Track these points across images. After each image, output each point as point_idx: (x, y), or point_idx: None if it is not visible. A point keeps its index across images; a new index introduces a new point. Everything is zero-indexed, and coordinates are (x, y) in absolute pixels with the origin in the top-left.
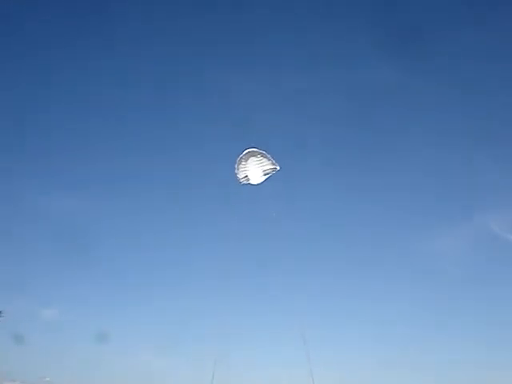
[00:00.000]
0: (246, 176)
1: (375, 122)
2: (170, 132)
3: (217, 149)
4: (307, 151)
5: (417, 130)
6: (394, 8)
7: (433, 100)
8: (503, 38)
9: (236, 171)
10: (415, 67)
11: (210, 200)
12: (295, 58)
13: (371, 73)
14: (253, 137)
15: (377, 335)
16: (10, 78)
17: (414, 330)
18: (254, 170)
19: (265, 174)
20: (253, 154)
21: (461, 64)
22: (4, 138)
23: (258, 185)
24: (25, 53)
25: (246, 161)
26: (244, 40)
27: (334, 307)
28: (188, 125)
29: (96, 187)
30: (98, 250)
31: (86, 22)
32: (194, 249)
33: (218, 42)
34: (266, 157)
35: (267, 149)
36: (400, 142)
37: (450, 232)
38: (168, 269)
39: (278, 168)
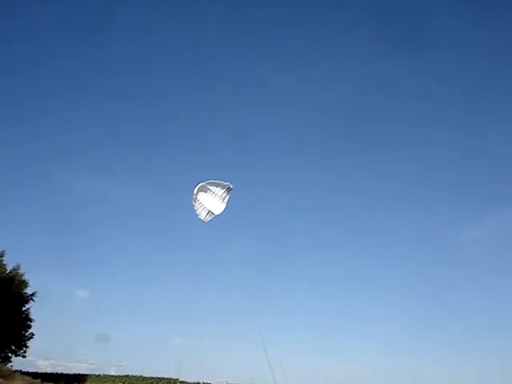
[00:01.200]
0: (208, 211)
1: (388, 114)
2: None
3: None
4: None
5: (443, 125)
6: (395, 5)
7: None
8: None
9: (197, 213)
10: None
11: None
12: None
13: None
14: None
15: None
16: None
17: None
18: (211, 201)
19: (223, 200)
20: (201, 190)
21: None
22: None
23: (222, 213)
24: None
25: (199, 198)
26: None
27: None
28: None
29: (135, 176)
30: (131, 234)
31: None
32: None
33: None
34: (214, 184)
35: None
36: (427, 134)
37: (478, 223)
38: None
39: (232, 186)
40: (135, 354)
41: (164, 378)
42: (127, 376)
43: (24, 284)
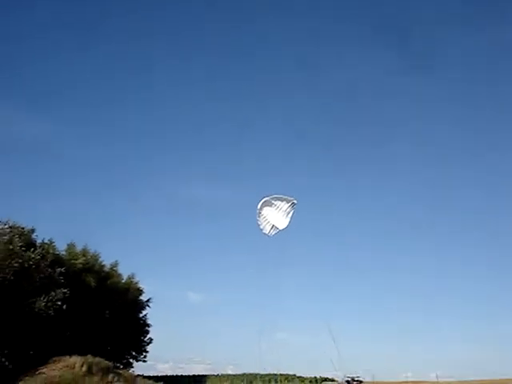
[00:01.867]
0: (273, 226)
1: None
2: None
3: None
4: None
5: None
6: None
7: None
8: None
9: (261, 228)
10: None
11: None
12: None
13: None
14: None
15: None
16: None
17: None
18: (276, 215)
19: (287, 214)
20: (266, 204)
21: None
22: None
23: (287, 227)
24: None
25: (264, 212)
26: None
27: None
28: None
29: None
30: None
31: None
32: None
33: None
34: (279, 198)
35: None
36: None
37: None
38: None
39: (296, 201)
40: (247, 352)
41: (281, 374)
42: (244, 374)
43: (139, 291)
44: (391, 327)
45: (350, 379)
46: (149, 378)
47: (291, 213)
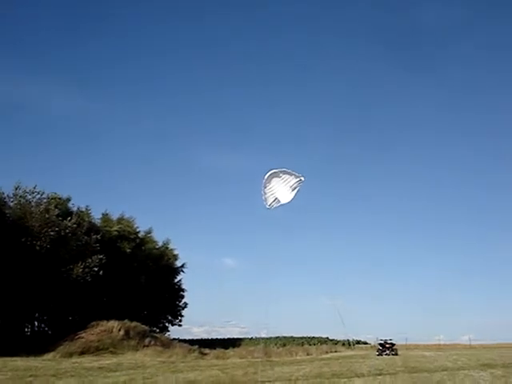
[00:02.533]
0: (276, 198)
1: None
2: None
3: None
4: None
5: None
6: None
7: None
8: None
9: (264, 198)
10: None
11: None
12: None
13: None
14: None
15: None
16: None
17: None
18: (281, 189)
19: (293, 190)
20: (274, 176)
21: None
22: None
23: (290, 202)
24: None
25: (270, 184)
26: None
27: None
28: None
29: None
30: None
31: None
32: None
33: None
34: (287, 172)
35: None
36: None
37: None
38: None
39: (303, 179)
40: (284, 316)
41: (314, 337)
42: (278, 337)
43: (174, 257)
44: (424, 291)
45: (382, 342)
46: (184, 341)
47: (297, 189)
